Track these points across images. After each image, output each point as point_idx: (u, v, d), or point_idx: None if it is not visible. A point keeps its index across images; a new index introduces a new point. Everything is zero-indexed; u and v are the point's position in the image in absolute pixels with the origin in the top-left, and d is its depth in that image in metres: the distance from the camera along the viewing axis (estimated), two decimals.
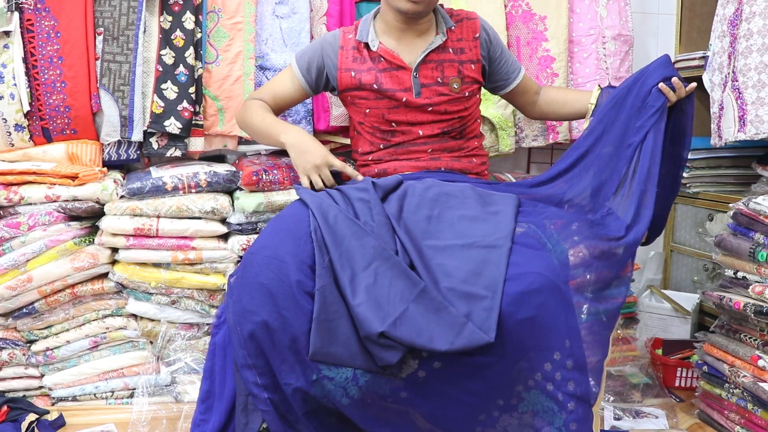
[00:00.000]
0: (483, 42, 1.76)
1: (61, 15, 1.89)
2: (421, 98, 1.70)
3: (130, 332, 1.92)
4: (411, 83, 1.70)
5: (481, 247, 1.33)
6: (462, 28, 1.75)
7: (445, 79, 1.71)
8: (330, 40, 1.77)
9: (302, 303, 1.25)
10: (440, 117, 1.72)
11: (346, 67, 1.73)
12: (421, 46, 1.72)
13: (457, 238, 1.37)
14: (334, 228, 1.33)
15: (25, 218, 1.80)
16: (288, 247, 1.31)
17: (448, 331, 1.22)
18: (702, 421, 1.85)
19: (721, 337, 1.78)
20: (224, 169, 1.96)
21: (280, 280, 1.26)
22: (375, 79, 1.70)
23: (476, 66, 1.75)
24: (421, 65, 1.70)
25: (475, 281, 1.28)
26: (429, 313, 1.24)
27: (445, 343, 1.21)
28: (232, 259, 1.89)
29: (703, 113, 2.50)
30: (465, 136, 1.79)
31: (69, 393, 1.92)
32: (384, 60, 1.71)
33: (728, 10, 2.02)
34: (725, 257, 1.79)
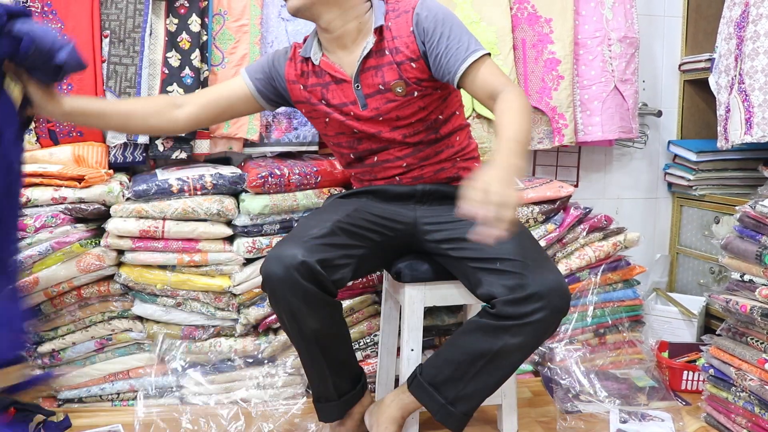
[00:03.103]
0: (418, 34, 1.53)
1: (68, 18, 1.90)
2: (368, 110, 1.59)
3: (135, 334, 1.93)
4: (355, 95, 1.59)
5: None
6: (398, 24, 1.55)
7: (387, 85, 1.56)
8: (281, 52, 1.71)
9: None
10: (396, 124, 1.60)
11: (293, 79, 1.65)
12: (357, 54, 1.58)
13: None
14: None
15: (32, 220, 1.81)
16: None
17: None
18: (708, 425, 1.85)
19: (727, 340, 1.77)
20: (230, 172, 1.96)
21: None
22: (321, 95, 1.63)
23: (417, 63, 1.54)
24: (360, 75, 1.57)
25: None
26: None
27: None
28: (238, 261, 1.89)
29: (709, 116, 2.50)
30: (442, 137, 1.64)
31: (75, 394, 1.93)
32: (327, 74, 1.61)
33: (735, 12, 2.02)
34: (732, 260, 1.78)
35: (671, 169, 2.61)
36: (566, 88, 2.29)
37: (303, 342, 1.51)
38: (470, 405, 1.50)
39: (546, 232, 2.08)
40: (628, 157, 2.67)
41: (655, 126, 2.67)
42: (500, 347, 1.41)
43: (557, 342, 2.09)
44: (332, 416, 1.64)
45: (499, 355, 1.43)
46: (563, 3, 2.27)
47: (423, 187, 1.66)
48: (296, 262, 1.38)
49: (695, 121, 2.65)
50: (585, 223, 2.16)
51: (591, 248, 2.15)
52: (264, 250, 1.89)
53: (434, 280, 1.63)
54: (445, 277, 1.63)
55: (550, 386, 2.04)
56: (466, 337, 1.47)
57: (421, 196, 1.66)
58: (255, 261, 1.91)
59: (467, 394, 1.48)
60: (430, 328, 2.09)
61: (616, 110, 2.34)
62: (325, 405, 1.63)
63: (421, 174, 1.66)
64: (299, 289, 1.40)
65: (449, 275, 1.62)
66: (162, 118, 1.64)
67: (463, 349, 1.47)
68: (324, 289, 1.44)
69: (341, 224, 1.51)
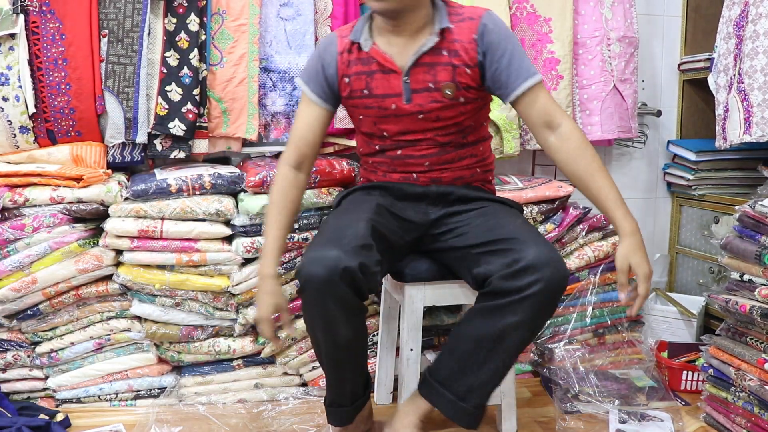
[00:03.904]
0: (481, 43, 1.54)
1: (66, 17, 1.89)
2: (412, 104, 1.57)
3: (134, 334, 1.92)
4: (402, 88, 1.56)
5: None
6: (461, 28, 1.55)
7: (437, 84, 1.55)
8: (327, 48, 1.63)
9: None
10: (432, 125, 1.59)
11: (343, 73, 1.60)
12: (414, 48, 1.55)
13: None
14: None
15: (30, 220, 1.80)
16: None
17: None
18: (708, 425, 1.85)
19: (727, 340, 1.77)
20: (228, 171, 1.96)
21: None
22: (365, 83, 1.59)
23: (472, 71, 1.55)
24: (412, 68, 1.55)
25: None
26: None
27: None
28: (237, 261, 1.89)
29: (708, 115, 2.49)
30: (468, 144, 1.65)
31: (73, 395, 1.92)
32: (375, 62, 1.57)
33: (734, 12, 2.01)
34: (731, 260, 1.78)
35: (670, 169, 2.61)
36: (565, 88, 2.28)
37: (331, 350, 1.48)
38: (481, 396, 1.48)
39: (545, 232, 2.08)
40: (627, 157, 2.67)
41: (654, 126, 2.67)
42: (501, 328, 1.41)
43: (556, 342, 2.09)
44: (343, 421, 1.63)
45: (501, 338, 1.42)
46: (562, 2, 2.27)
47: (437, 188, 1.64)
48: (341, 267, 1.34)
49: (695, 120, 2.65)
50: (584, 223, 2.15)
51: (590, 248, 2.15)
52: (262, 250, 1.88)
53: (434, 280, 1.63)
54: (445, 276, 1.63)
55: (549, 386, 2.04)
56: (466, 326, 1.47)
57: (434, 197, 1.65)
58: (253, 261, 1.91)
59: (476, 385, 1.46)
60: (430, 327, 2.09)
61: (615, 110, 2.34)
62: (337, 409, 1.61)
63: (439, 177, 1.64)
64: (339, 294, 1.37)
65: (449, 275, 1.62)
66: (302, 189, 1.68)
67: (464, 340, 1.46)
68: (359, 295, 1.41)
69: (375, 229, 1.48)
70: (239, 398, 1.97)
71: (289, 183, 1.63)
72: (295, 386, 2.02)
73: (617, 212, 1.46)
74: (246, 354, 1.98)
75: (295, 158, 1.64)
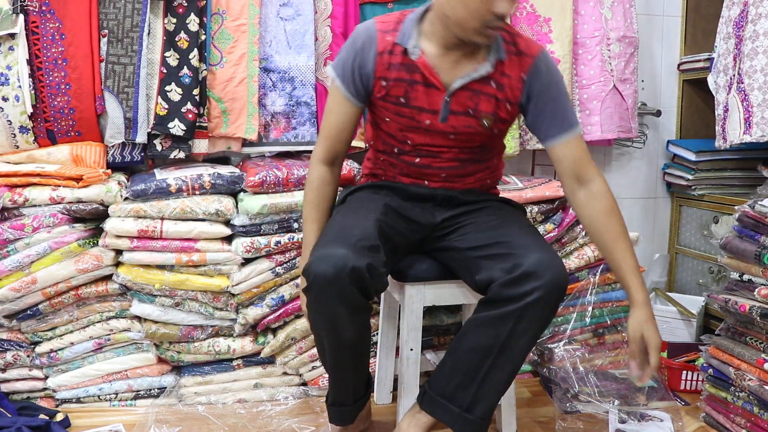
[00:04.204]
0: (528, 85, 1.51)
1: (66, 17, 1.89)
2: (446, 124, 1.52)
3: (134, 334, 1.92)
4: (440, 106, 1.50)
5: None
6: (513, 62, 1.50)
7: (477, 113, 1.51)
8: (366, 46, 1.52)
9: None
10: (460, 144, 1.56)
11: (381, 75, 1.52)
12: (464, 69, 1.49)
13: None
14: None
15: (30, 220, 1.80)
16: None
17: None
18: (707, 425, 1.85)
19: (726, 340, 1.77)
20: (228, 171, 1.96)
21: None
22: (404, 92, 1.51)
23: (512, 107, 1.53)
24: (456, 90, 1.50)
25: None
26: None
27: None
28: (236, 261, 1.89)
29: (708, 115, 2.49)
30: (485, 158, 1.65)
31: (73, 395, 1.92)
32: (420, 73, 1.49)
33: (733, 12, 2.01)
34: (731, 260, 1.78)
35: (670, 169, 2.61)
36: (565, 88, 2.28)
37: (336, 350, 1.47)
38: (487, 407, 1.46)
39: (545, 232, 2.08)
40: (627, 157, 2.67)
41: (654, 126, 2.67)
42: (506, 337, 1.39)
43: (556, 342, 2.09)
44: (345, 420, 1.63)
45: (505, 346, 1.41)
46: (562, 2, 2.27)
47: (444, 192, 1.62)
48: (349, 266, 1.33)
49: (694, 120, 2.65)
50: None
51: (590, 248, 2.15)
52: (262, 250, 1.88)
53: (434, 280, 1.63)
54: (445, 276, 1.63)
55: (549, 386, 2.04)
56: (469, 336, 1.45)
57: (441, 200, 1.63)
58: (253, 261, 1.91)
59: (481, 396, 1.44)
60: (430, 327, 2.09)
61: (615, 110, 2.34)
62: (339, 409, 1.61)
63: (451, 186, 1.63)
64: (346, 293, 1.35)
65: (449, 274, 1.62)
66: (337, 184, 1.66)
67: (468, 350, 1.44)
68: (365, 295, 1.39)
69: (382, 229, 1.47)
70: (239, 398, 1.97)
71: (323, 181, 1.62)
72: (295, 386, 2.02)
73: (633, 282, 1.47)
74: (246, 354, 1.98)
75: (329, 156, 1.62)
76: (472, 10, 1.37)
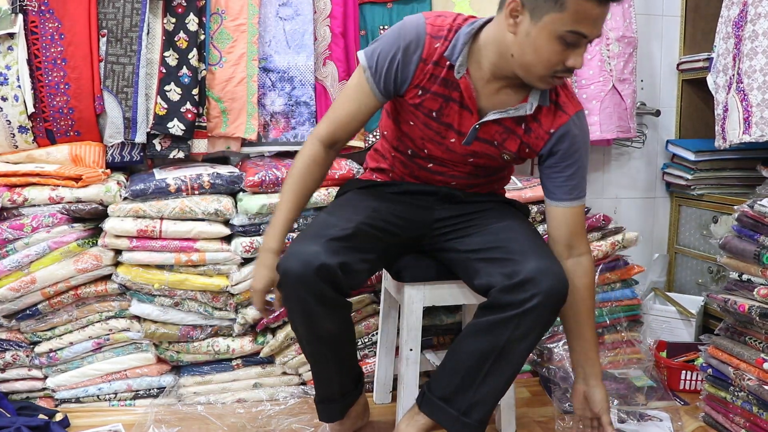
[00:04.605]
0: (553, 142, 1.48)
1: (65, 17, 1.89)
2: (468, 148, 1.51)
3: (133, 334, 1.92)
4: (468, 130, 1.48)
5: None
6: (549, 112, 1.47)
7: (501, 147, 1.50)
8: (411, 47, 1.43)
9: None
10: (476, 164, 1.56)
11: (419, 83, 1.46)
12: (504, 101, 1.45)
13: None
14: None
15: (29, 220, 1.80)
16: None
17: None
18: (707, 425, 1.85)
19: (725, 340, 1.77)
20: (227, 171, 1.96)
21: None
22: (439, 106, 1.47)
23: (531, 152, 1.52)
24: (489, 121, 1.46)
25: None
26: None
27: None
28: (236, 260, 1.89)
29: (707, 115, 2.49)
30: (497, 176, 1.67)
31: (72, 395, 1.92)
32: (459, 92, 1.44)
33: (733, 12, 2.02)
34: (730, 260, 1.78)
35: (669, 169, 2.61)
36: None
37: (315, 343, 1.49)
38: (484, 411, 1.46)
39: (544, 232, 2.08)
40: (626, 157, 2.67)
41: (653, 125, 2.67)
42: (505, 342, 1.40)
43: (556, 342, 2.09)
44: (334, 417, 1.63)
45: (505, 351, 1.41)
46: None
47: (448, 190, 1.62)
48: (317, 263, 1.34)
49: (694, 120, 2.65)
50: None
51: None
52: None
53: (434, 280, 1.63)
54: (445, 276, 1.63)
55: (548, 386, 2.04)
56: (468, 340, 1.45)
57: (443, 196, 1.63)
58: (252, 261, 1.91)
59: (479, 400, 1.45)
60: (429, 328, 2.09)
61: (614, 110, 2.34)
62: (327, 405, 1.62)
63: (460, 192, 1.64)
64: (316, 289, 1.36)
65: (449, 275, 1.62)
66: (327, 169, 1.59)
67: (467, 354, 1.44)
68: (340, 292, 1.41)
69: (363, 227, 1.46)
70: (238, 398, 1.97)
71: (315, 160, 1.53)
72: (294, 386, 2.02)
73: (594, 357, 1.58)
74: (245, 354, 1.97)
75: (330, 139, 1.53)
76: (545, 59, 1.32)
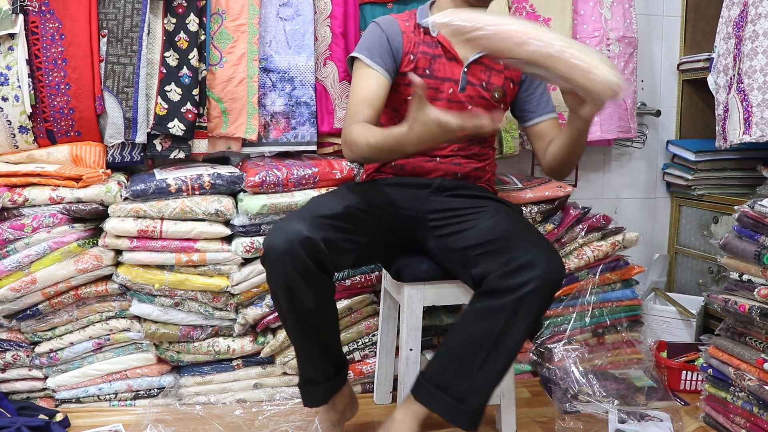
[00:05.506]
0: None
1: (66, 17, 1.89)
2: (464, 94, 1.69)
3: (133, 334, 1.92)
4: (459, 76, 1.68)
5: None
6: None
7: (489, 86, 1.71)
8: (390, 25, 1.69)
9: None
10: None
11: (409, 50, 1.68)
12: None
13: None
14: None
15: (29, 220, 1.80)
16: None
17: None
18: (707, 425, 1.85)
19: (726, 340, 1.77)
20: (228, 171, 1.96)
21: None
22: (428, 64, 1.68)
23: (514, 87, 1.76)
24: (473, 63, 1.69)
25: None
26: None
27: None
28: (236, 261, 1.89)
29: (708, 115, 2.50)
30: (485, 144, 1.79)
31: (72, 395, 1.92)
32: (441, 47, 1.68)
33: (733, 12, 2.02)
34: (730, 260, 1.78)
35: (670, 169, 2.61)
36: None
37: (297, 320, 1.50)
38: (480, 398, 1.46)
39: (545, 232, 2.08)
40: (626, 157, 2.67)
41: (653, 126, 2.67)
42: (502, 328, 1.40)
43: (556, 342, 2.09)
44: (317, 400, 1.61)
45: (502, 338, 1.41)
46: (562, 2, 2.27)
47: (441, 181, 1.70)
48: (301, 237, 1.38)
49: (694, 120, 2.65)
50: (584, 223, 2.15)
51: (590, 248, 2.15)
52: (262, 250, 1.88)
53: (433, 280, 1.63)
54: (445, 276, 1.63)
55: (548, 386, 2.04)
56: (464, 327, 1.45)
57: (437, 187, 1.69)
58: (253, 261, 1.91)
59: (476, 387, 1.44)
60: (429, 327, 2.09)
61: (614, 110, 2.34)
62: (311, 389, 1.60)
63: (454, 171, 1.72)
64: (300, 263, 1.39)
65: (448, 275, 1.62)
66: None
67: (464, 342, 1.44)
68: (323, 269, 1.43)
69: (351, 209, 1.52)
70: (239, 398, 1.97)
71: (366, 124, 1.56)
72: (295, 386, 2.01)
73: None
74: (245, 354, 1.98)
75: (367, 119, 1.60)
76: None
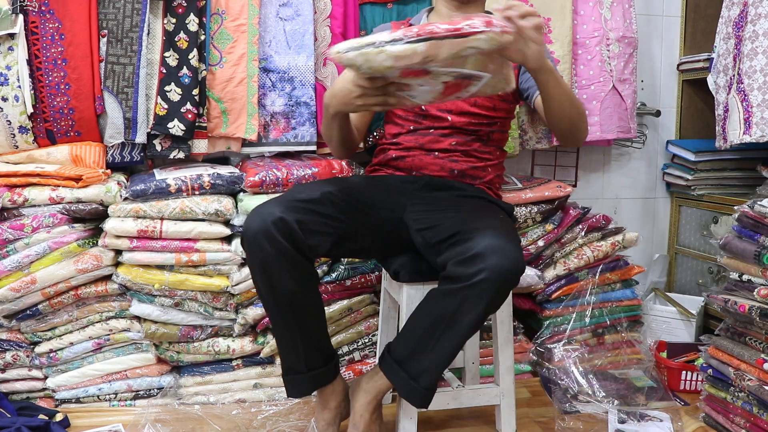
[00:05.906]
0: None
1: (65, 17, 1.89)
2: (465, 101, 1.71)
3: (133, 334, 1.92)
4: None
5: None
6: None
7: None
8: (381, 29, 1.78)
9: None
10: (470, 109, 1.74)
11: None
12: None
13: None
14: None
15: (29, 220, 1.80)
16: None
17: None
18: (707, 425, 1.85)
19: (726, 340, 1.77)
20: (228, 171, 1.96)
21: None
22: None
23: (515, 71, 1.76)
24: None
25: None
26: None
27: None
28: (236, 261, 1.89)
29: (708, 115, 2.50)
30: (491, 142, 1.81)
31: (72, 395, 1.92)
32: None
33: (733, 12, 2.01)
34: (730, 260, 1.78)
35: (670, 169, 2.61)
36: None
37: (276, 304, 1.51)
38: (431, 377, 1.50)
39: (544, 232, 2.08)
40: (626, 157, 2.67)
41: (653, 126, 2.67)
42: (453, 312, 1.43)
43: (556, 342, 2.09)
44: (301, 391, 1.61)
45: (453, 321, 1.44)
46: (562, 2, 2.27)
47: (429, 179, 1.74)
48: (274, 218, 1.44)
49: (694, 120, 2.65)
50: (583, 223, 2.15)
51: (589, 248, 2.15)
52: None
53: (432, 280, 1.63)
54: None
55: (548, 386, 2.04)
56: (425, 305, 1.50)
57: (423, 185, 1.73)
58: None
59: (427, 366, 1.49)
60: None
61: (614, 110, 2.34)
62: (293, 377, 1.60)
63: (451, 167, 1.76)
64: (274, 243, 1.44)
65: None
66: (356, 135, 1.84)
67: (422, 320, 1.49)
68: (299, 251, 1.47)
69: (330, 196, 1.56)
70: (238, 398, 1.97)
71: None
72: None
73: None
74: (245, 354, 1.97)
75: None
76: None
